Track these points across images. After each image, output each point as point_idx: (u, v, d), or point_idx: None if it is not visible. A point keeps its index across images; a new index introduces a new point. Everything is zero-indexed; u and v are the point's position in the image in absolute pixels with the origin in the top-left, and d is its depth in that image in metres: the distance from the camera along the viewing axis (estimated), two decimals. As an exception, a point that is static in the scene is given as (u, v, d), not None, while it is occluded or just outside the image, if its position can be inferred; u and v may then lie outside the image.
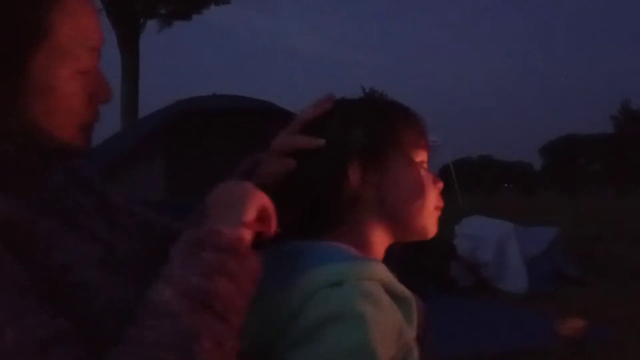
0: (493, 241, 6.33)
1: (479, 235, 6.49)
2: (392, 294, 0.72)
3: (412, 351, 0.73)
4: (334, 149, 0.80)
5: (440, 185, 0.85)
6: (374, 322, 0.66)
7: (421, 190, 0.81)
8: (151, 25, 16.79)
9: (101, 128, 0.79)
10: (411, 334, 0.74)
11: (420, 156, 0.83)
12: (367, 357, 0.64)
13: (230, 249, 0.66)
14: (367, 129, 0.81)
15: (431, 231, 0.84)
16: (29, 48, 0.67)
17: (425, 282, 5.35)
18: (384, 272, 0.73)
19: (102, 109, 0.77)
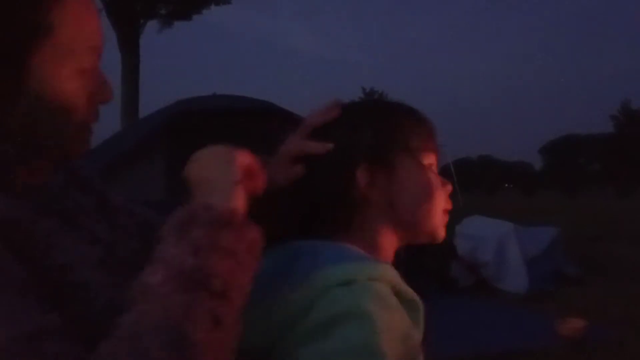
0: (493, 241, 6.33)
1: (479, 235, 6.48)
2: (400, 296, 0.72)
3: (418, 355, 0.72)
4: (342, 152, 0.79)
5: (449, 188, 0.84)
6: (382, 323, 0.66)
7: (430, 194, 0.81)
8: (151, 25, 16.82)
9: (101, 128, 0.79)
10: (418, 337, 0.73)
11: (429, 159, 0.83)
12: (373, 356, 0.64)
13: (224, 222, 0.63)
14: (375, 132, 0.80)
15: (440, 234, 0.83)
16: (29, 47, 0.67)
17: (427, 283, 5.35)
18: (393, 275, 0.73)
19: (102, 109, 0.77)
